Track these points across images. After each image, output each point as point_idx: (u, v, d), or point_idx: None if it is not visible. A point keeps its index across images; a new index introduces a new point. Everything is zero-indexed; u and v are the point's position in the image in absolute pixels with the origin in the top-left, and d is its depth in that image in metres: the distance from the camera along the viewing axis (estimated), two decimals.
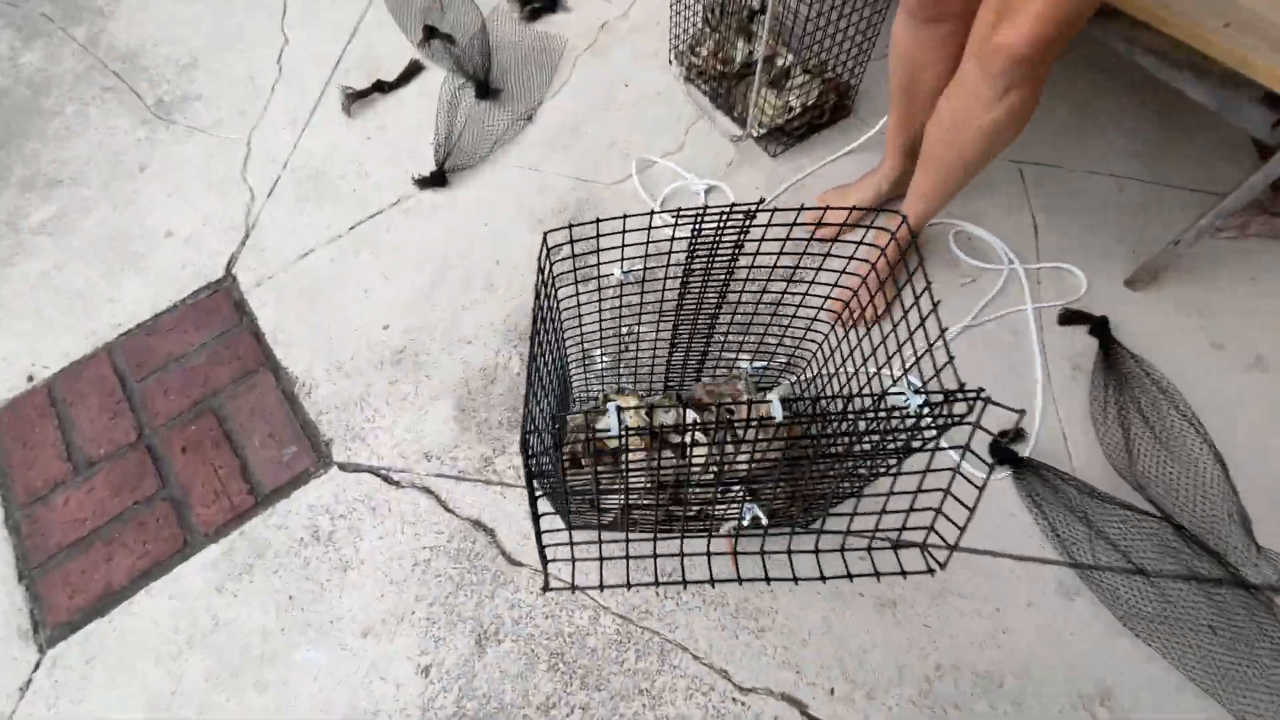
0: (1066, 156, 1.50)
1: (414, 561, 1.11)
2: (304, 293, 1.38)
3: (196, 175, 1.56)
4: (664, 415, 1.09)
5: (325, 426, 1.24)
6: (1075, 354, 1.26)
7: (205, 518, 1.17)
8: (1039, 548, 1.10)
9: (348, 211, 1.48)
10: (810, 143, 1.51)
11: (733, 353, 1.13)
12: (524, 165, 1.52)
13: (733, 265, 0.83)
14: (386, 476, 1.18)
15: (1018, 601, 1.05)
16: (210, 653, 1.06)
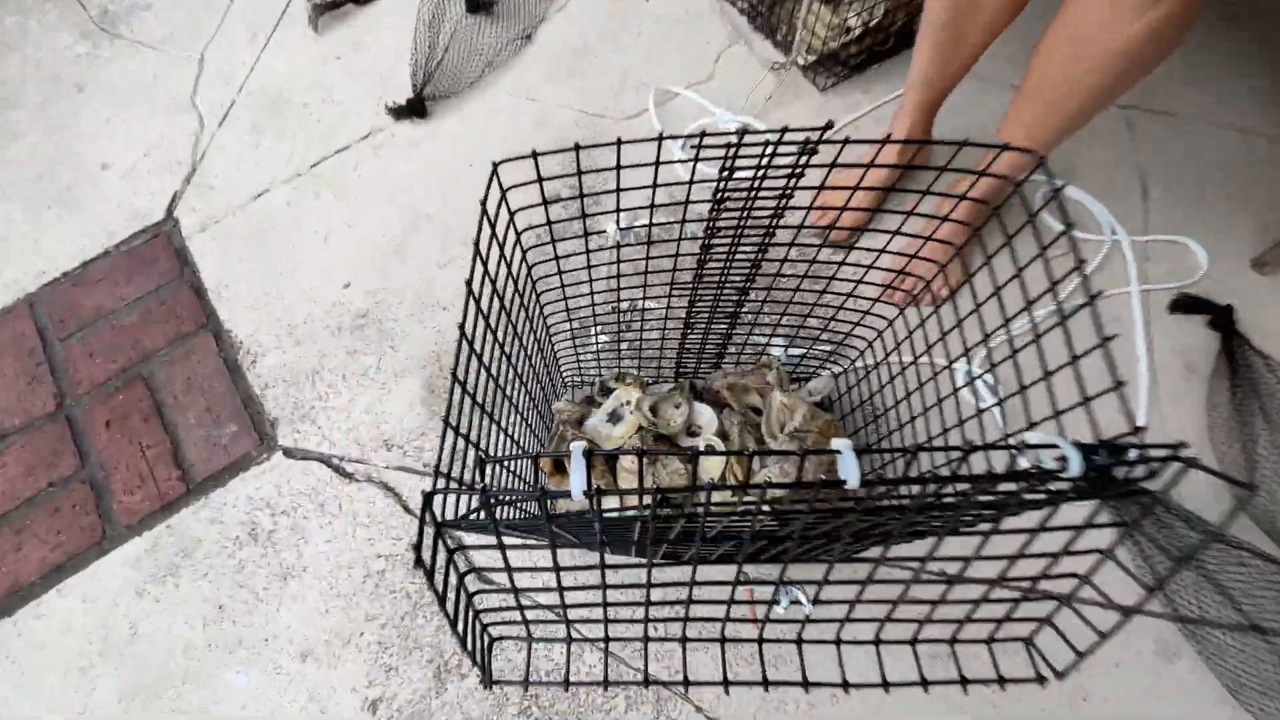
0: (1181, 102, 1.21)
1: (366, 573, 0.92)
2: (254, 241, 1.17)
3: (140, 98, 1.33)
4: (671, 413, 0.87)
5: (271, 403, 1.04)
6: (1190, 350, 1.01)
7: (128, 506, 0.99)
8: (1133, 594, 0.88)
9: (310, 145, 1.25)
10: (869, 76, 1.24)
11: (763, 336, 0.91)
12: (519, 93, 1.27)
13: (775, 221, 0.59)
14: (339, 467, 0.99)
15: (1103, 661, 0.84)
16: (126, 668, 0.90)
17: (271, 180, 1.22)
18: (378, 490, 0.97)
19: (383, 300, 1.10)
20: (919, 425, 0.71)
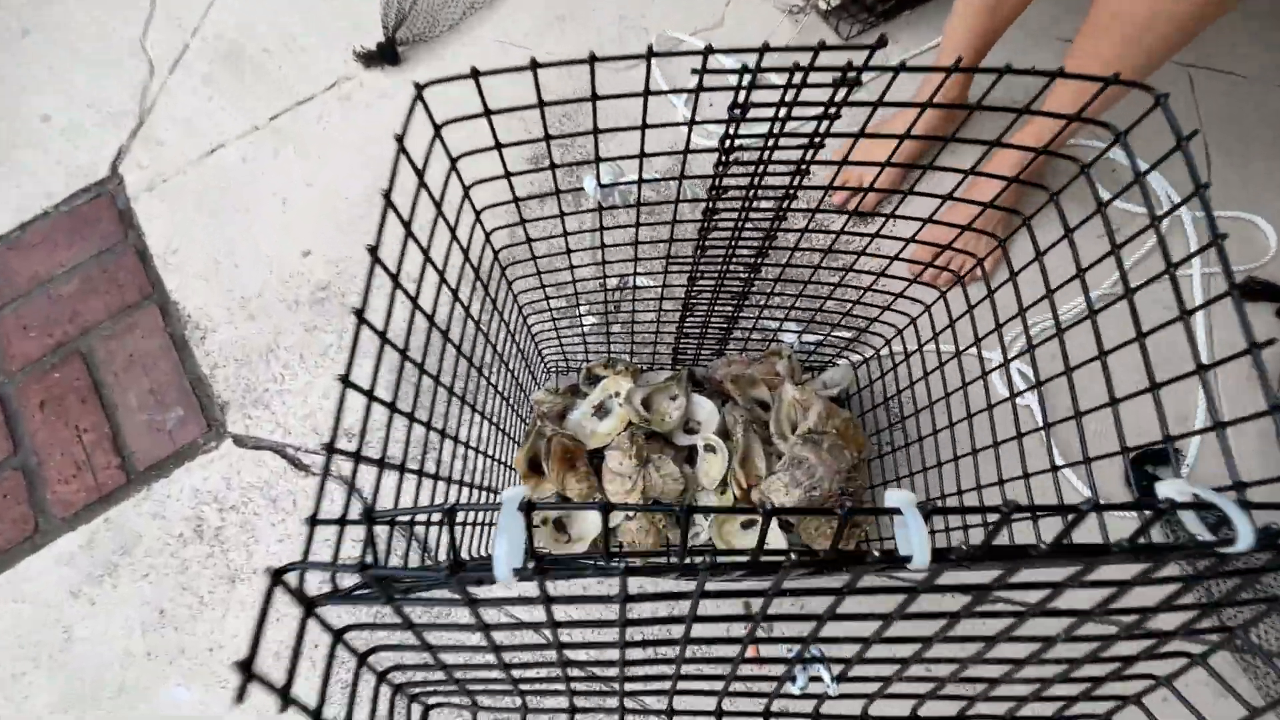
0: (1248, 64, 1.07)
1: (322, 577, 0.83)
2: (206, 202, 1.05)
3: (87, 42, 1.20)
4: (667, 406, 0.76)
5: (220, 385, 0.93)
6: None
7: (63, 497, 0.89)
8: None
9: (269, 96, 1.12)
10: (900, 22, 1.09)
11: (774, 321, 0.79)
12: (503, 39, 1.13)
13: (799, 179, 0.47)
14: (294, 459, 0.89)
15: None
16: (59, 676, 0.81)
17: (226, 134, 1.09)
18: (337, 486, 0.87)
19: (345, 271, 0.98)
20: (960, 434, 0.60)
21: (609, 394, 0.76)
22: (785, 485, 0.65)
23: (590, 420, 0.75)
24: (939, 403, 0.62)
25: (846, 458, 0.66)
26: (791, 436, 0.69)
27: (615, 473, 0.71)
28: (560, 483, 0.69)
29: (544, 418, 0.73)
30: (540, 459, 0.69)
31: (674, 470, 0.71)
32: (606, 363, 0.82)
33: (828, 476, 0.64)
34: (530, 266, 0.62)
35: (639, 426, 0.71)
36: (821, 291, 0.82)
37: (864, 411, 0.80)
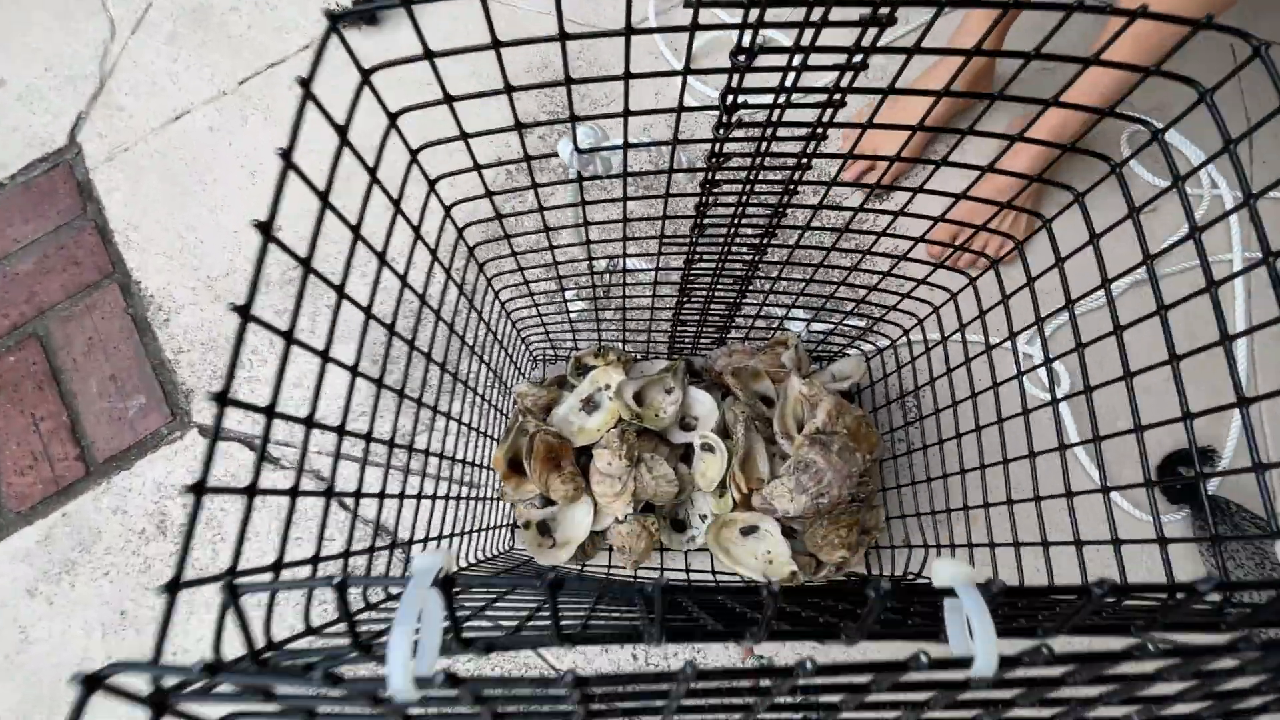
0: None
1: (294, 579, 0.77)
2: (169, 173, 0.97)
3: (44, 1, 1.11)
4: (661, 400, 0.69)
5: (185, 370, 0.87)
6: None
7: (19, 490, 0.84)
8: None
9: (238, 58, 1.04)
10: None
11: (781, 308, 0.72)
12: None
13: (814, 145, 0.40)
14: (266, 452, 0.83)
15: None
16: (16, 678, 0.76)
17: (191, 100, 1.01)
18: (309, 480, 0.81)
19: (320, 249, 0.91)
20: (988, 440, 0.53)
21: (598, 387, 0.69)
22: (790, 491, 0.59)
23: (578, 415, 0.68)
24: (964, 402, 0.56)
25: (858, 461, 0.59)
26: (797, 436, 0.63)
27: (604, 473, 0.65)
28: (543, 484, 0.63)
29: (526, 413, 0.67)
30: (521, 458, 0.63)
31: (668, 471, 0.64)
32: (597, 351, 0.76)
33: (837, 482, 0.58)
34: (505, 246, 0.55)
35: (630, 422, 0.65)
36: (834, 276, 0.76)
37: (876, 407, 0.74)
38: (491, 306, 0.64)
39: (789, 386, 0.66)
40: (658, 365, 0.77)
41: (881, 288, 0.60)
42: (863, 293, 0.61)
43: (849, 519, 0.61)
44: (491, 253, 0.87)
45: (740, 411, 0.66)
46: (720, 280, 0.60)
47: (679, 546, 0.70)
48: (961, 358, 0.57)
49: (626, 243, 0.51)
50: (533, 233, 0.52)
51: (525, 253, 0.55)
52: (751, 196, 0.46)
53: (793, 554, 0.63)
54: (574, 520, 0.67)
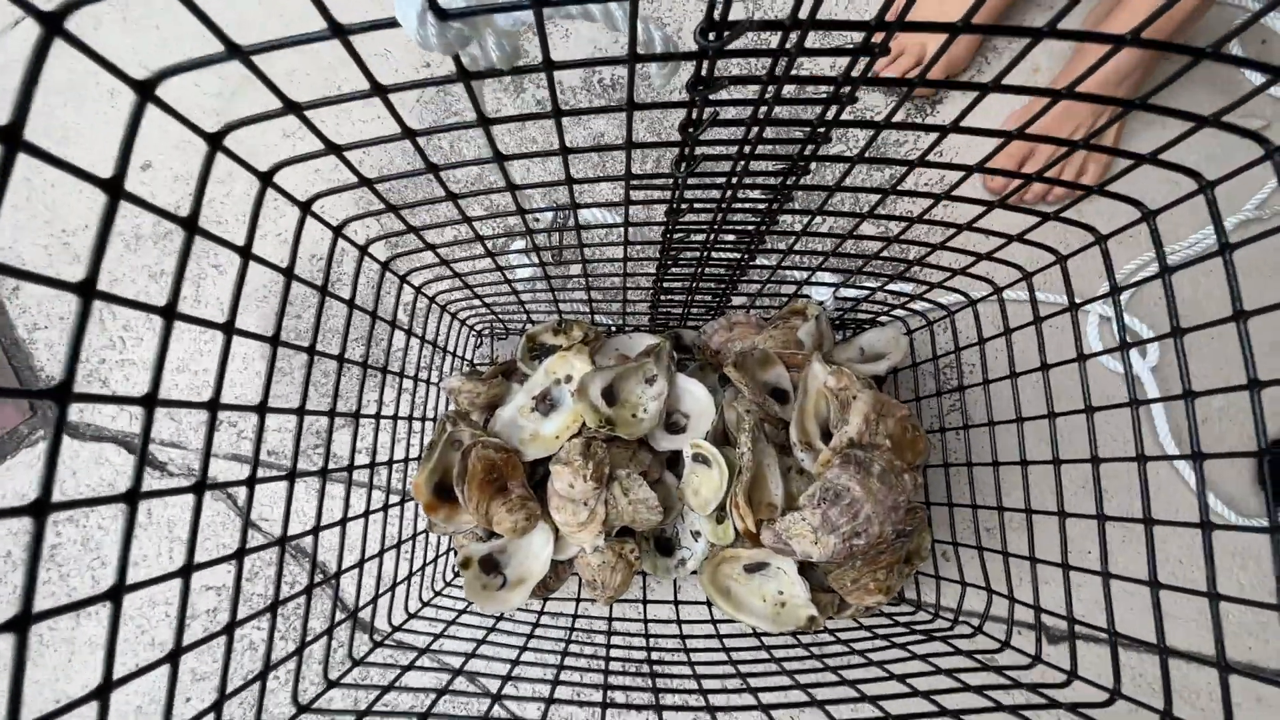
0: None
1: (190, 611, 0.63)
2: (7, 92, 0.75)
3: None
4: (640, 395, 0.52)
5: (44, 352, 0.69)
6: None
7: None
8: None
9: None
10: None
11: (802, 270, 0.54)
12: None
13: (864, 66, 0.21)
14: (149, 455, 0.66)
15: None
16: None
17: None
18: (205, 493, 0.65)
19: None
20: (1073, 444, 0.37)
21: (555, 379, 0.52)
22: (814, 530, 0.43)
23: (529, 418, 0.52)
24: (1063, 416, 0.39)
25: (906, 486, 0.44)
26: (822, 448, 0.47)
27: (564, 497, 0.49)
28: (483, 514, 0.47)
29: (459, 417, 0.50)
30: (453, 480, 0.47)
31: (648, 496, 0.48)
32: (557, 325, 0.58)
33: (878, 517, 0.42)
34: (402, 228, 0.36)
35: (600, 428, 0.48)
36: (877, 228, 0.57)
37: (918, 398, 0.57)
38: (414, 302, 0.46)
39: (810, 376, 0.49)
40: (639, 342, 0.60)
41: (951, 246, 0.42)
42: (913, 251, 0.43)
43: (891, 558, 0.46)
44: (396, 243, 0.68)
45: (744, 408, 0.49)
46: (721, 237, 0.41)
47: (666, 574, 0.55)
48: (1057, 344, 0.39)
49: (571, 186, 0.33)
50: (437, 201, 0.34)
51: (429, 220, 0.36)
52: (775, 110, 0.28)
53: (809, 593, 0.49)
54: (529, 552, 0.52)
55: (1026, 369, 0.45)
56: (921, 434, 0.49)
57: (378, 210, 0.39)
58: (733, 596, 0.50)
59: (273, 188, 0.32)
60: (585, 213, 0.47)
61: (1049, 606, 0.43)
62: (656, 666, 0.62)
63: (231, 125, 0.27)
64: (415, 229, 0.41)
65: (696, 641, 0.51)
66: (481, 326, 0.63)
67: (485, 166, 0.69)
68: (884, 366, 0.55)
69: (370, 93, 0.26)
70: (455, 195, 0.37)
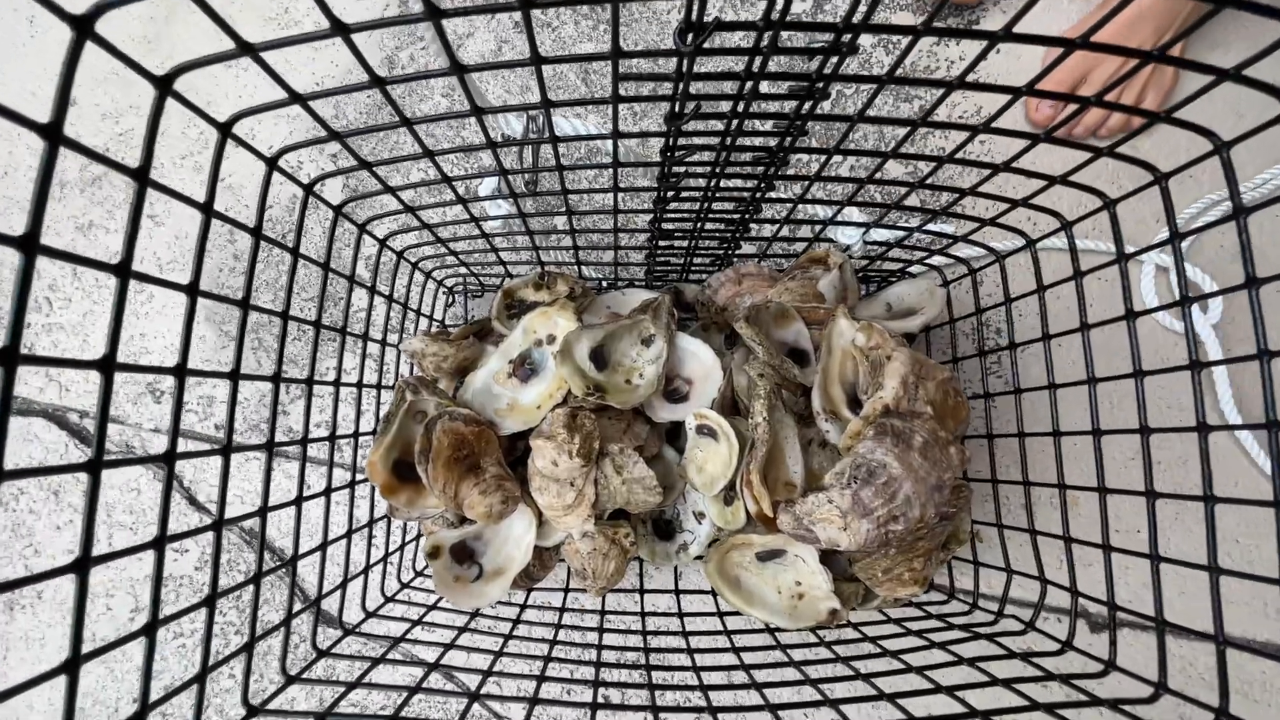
0: None
1: (134, 605, 0.57)
2: None
3: None
4: (634, 358, 0.45)
5: None
6: None
7: None
8: None
9: None
10: None
11: (827, 206, 0.46)
12: None
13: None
14: (78, 429, 0.59)
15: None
16: None
17: None
18: (140, 470, 0.58)
19: (135, 130, 0.62)
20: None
21: (536, 339, 0.45)
22: (843, 514, 0.36)
23: (506, 385, 0.44)
24: (1122, 379, 0.32)
25: (952, 460, 0.37)
26: (851, 417, 0.39)
27: (547, 477, 0.42)
28: (451, 497, 0.40)
29: (422, 385, 0.43)
30: (415, 458, 0.40)
31: (645, 474, 0.41)
32: (539, 278, 0.50)
33: (919, 498, 0.36)
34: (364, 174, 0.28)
35: (587, 397, 0.41)
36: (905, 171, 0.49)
37: (955, 359, 0.50)
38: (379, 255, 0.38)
39: (835, 334, 0.42)
40: (634, 299, 0.52)
41: (1015, 166, 0.34)
42: (965, 180, 0.35)
43: (929, 544, 0.39)
44: (355, 187, 0.59)
45: (759, 376, 0.42)
46: (726, 168, 0.34)
47: (666, 560, 0.48)
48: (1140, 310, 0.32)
49: (546, 96, 0.25)
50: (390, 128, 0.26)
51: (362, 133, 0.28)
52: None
53: (833, 584, 0.42)
54: (508, 538, 0.45)
55: (1074, 326, 0.37)
56: (964, 400, 0.41)
57: (322, 139, 0.31)
58: (743, 588, 0.43)
59: (233, 139, 0.29)
60: (564, 125, 0.39)
61: (1098, 592, 0.36)
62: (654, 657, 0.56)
63: (181, 68, 0.24)
64: (368, 164, 0.34)
65: (699, 640, 0.45)
66: (454, 283, 0.55)
67: (451, 103, 0.61)
68: (918, 323, 0.47)
69: (331, 32, 0.23)
70: (410, 121, 0.30)
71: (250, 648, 0.32)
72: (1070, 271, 0.38)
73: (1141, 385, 0.35)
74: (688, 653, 0.40)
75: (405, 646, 0.50)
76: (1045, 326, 0.40)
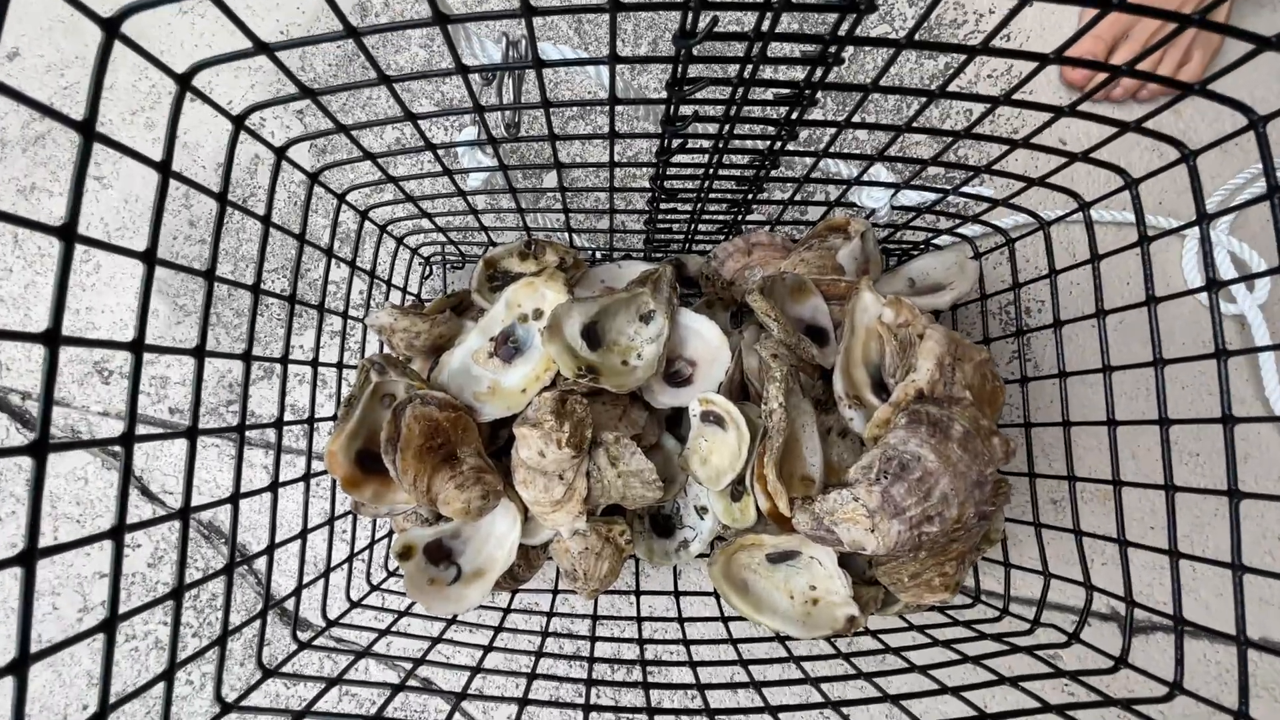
0: None
1: (83, 604, 0.52)
2: None
3: None
4: (632, 336, 0.40)
5: None
6: None
7: None
8: None
9: None
10: None
11: (850, 164, 0.41)
12: None
13: None
14: (20, 412, 0.54)
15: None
16: None
17: None
18: (88, 458, 0.53)
19: (81, 84, 0.57)
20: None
21: (520, 313, 0.40)
22: (871, 514, 0.31)
23: (486, 366, 0.39)
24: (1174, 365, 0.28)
25: (995, 452, 0.32)
26: (877, 403, 0.35)
27: (533, 469, 0.37)
28: (424, 492, 0.35)
29: (390, 364, 0.38)
30: (381, 447, 0.35)
31: (643, 466, 0.37)
32: (525, 246, 0.45)
33: (958, 495, 0.31)
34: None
35: (577, 379, 0.36)
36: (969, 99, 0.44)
37: (987, 339, 0.45)
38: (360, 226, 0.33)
39: (858, 309, 0.37)
40: (631, 271, 0.47)
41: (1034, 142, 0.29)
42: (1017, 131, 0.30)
43: (963, 547, 0.35)
44: (325, 148, 0.54)
45: (772, 356, 0.37)
46: (736, 117, 0.28)
47: (665, 559, 0.44)
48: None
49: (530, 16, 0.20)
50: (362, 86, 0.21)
51: None
52: None
53: (849, 586, 0.38)
54: (490, 536, 0.41)
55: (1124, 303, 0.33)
56: (1001, 385, 0.37)
57: (294, 95, 0.27)
58: (751, 593, 0.39)
59: (194, 93, 0.26)
60: (551, 51, 0.34)
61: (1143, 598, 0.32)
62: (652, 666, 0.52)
63: (131, 7, 0.22)
64: (345, 128, 0.29)
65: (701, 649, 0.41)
66: (430, 252, 0.50)
67: (430, 54, 0.55)
68: (948, 299, 0.42)
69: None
70: (390, 78, 0.26)
71: (223, 641, 0.30)
72: (1120, 242, 0.34)
73: (1161, 374, 0.33)
74: (690, 665, 0.35)
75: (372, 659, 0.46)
76: (1100, 301, 0.35)
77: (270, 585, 0.34)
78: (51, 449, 0.22)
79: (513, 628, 0.40)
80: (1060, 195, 0.37)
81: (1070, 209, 0.37)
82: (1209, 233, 0.30)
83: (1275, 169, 0.26)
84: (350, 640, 0.50)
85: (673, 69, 0.26)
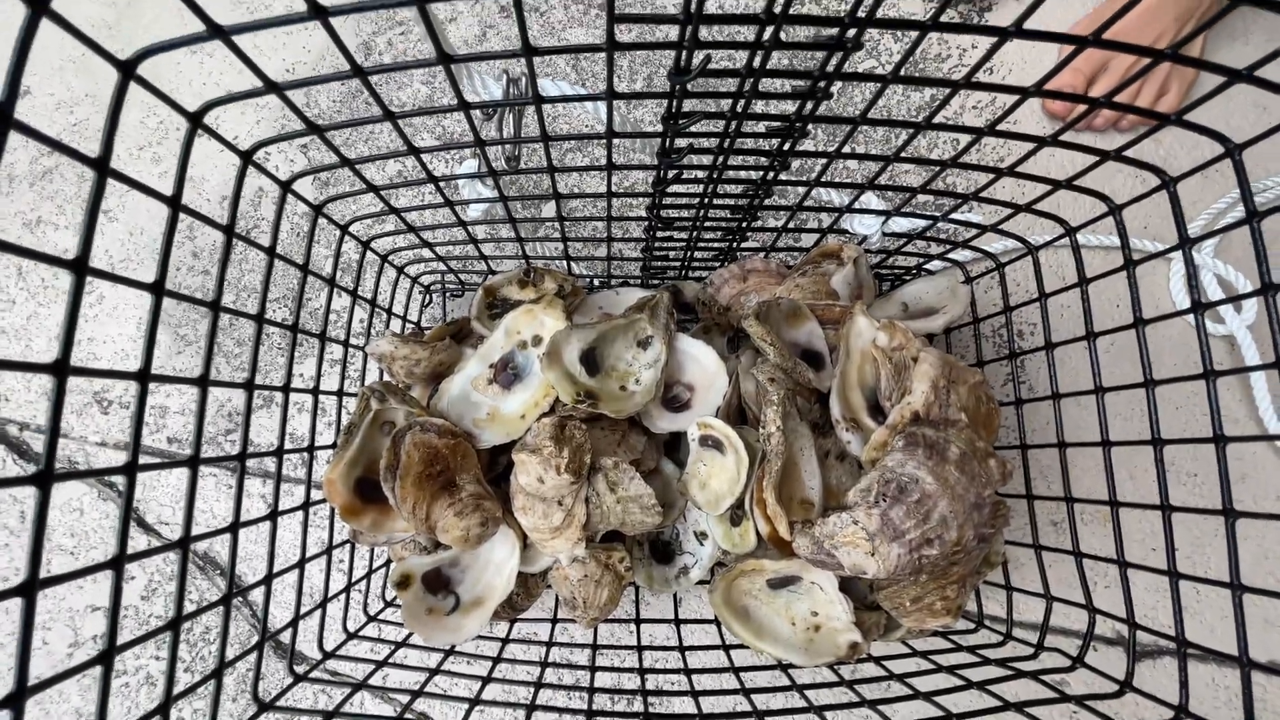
0: None
1: (73, 638, 0.51)
2: None
3: None
4: (630, 362, 0.41)
5: None
6: None
7: None
8: None
9: None
10: None
11: (841, 192, 0.42)
12: None
13: None
14: (17, 443, 0.54)
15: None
16: None
17: None
18: (84, 489, 0.53)
19: (89, 121, 0.58)
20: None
21: (520, 340, 0.40)
22: (870, 537, 0.31)
23: (486, 392, 0.40)
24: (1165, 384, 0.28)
25: (992, 473, 0.32)
26: (874, 426, 0.35)
27: (533, 495, 0.37)
28: (423, 520, 0.35)
29: (390, 392, 0.38)
30: (380, 475, 0.35)
31: (642, 492, 0.37)
32: (524, 274, 0.46)
33: (957, 517, 0.31)
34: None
35: (577, 403, 0.36)
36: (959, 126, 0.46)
37: (980, 362, 0.45)
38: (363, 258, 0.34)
39: (853, 334, 0.38)
40: (628, 298, 0.48)
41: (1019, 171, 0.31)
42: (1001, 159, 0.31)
43: (963, 570, 0.35)
44: (328, 179, 0.55)
45: (769, 381, 0.38)
46: (742, 131, 0.29)
47: (665, 586, 0.43)
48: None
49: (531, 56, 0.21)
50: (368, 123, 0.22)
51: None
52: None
53: (850, 610, 0.37)
54: (489, 564, 0.40)
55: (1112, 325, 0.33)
56: (996, 407, 0.37)
57: (301, 132, 0.28)
58: (752, 619, 0.39)
59: (205, 130, 0.27)
60: (551, 88, 0.35)
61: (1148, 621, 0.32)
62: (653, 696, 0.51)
63: (148, 51, 0.22)
64: (350, 162, 0.30)
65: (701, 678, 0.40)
66: (431, 281, 0.51)
67: (432, 91, 0.56)
68: (940, 323, 0.43)
69: (309, 15, 0.21)
70: (395, 115, 0.27)
71: (220, 673, 0.29)
72: (1108, 265, 0.35)
73: (1152, 394, 0.34)
74: (692, 695, 0.35)
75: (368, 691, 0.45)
76: (1089, 324, 0.36)
77: (267, 617, 0.34)
78: (57, 478, 0.22)
79: (511, 658, 0.40)
80: (1048, 221, 0.38)
81: (1057, 234, 0.38)
82: (1192, 256, 0.31)
83: (1253, 194, 0.27)
84: (346, 673, 0.50)
85: (668, 103, 0.27)
